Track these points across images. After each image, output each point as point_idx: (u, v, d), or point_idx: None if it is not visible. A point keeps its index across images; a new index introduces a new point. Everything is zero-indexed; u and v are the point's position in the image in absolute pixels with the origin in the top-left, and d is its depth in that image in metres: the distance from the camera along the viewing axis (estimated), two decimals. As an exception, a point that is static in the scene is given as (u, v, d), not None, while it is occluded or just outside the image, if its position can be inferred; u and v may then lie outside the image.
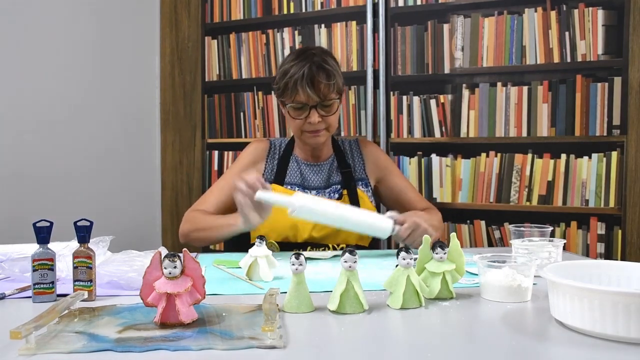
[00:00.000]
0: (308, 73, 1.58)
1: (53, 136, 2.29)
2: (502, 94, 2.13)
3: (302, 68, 1.59)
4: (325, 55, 1.65)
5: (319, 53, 1.64)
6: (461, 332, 0.94)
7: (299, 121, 1.64)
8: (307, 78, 1.58)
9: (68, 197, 2.31)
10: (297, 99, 1.61)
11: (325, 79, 1.60)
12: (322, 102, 1.62)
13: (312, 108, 1.61)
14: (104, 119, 2.48)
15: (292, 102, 1.62)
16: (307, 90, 1.58)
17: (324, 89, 1.60)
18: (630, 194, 1.96)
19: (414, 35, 2.24)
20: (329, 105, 1.63)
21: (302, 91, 1.59)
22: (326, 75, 1.60)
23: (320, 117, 1.62)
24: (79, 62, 2.39)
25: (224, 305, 1.03)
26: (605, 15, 1.98)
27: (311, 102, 1.61)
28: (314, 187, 1.73)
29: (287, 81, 1.61)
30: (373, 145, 1.87)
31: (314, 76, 1.59)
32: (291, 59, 1.64)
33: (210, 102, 2.63)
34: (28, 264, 1.09)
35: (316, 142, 1.69)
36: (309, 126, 1.64)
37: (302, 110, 1.63)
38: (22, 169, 2.19)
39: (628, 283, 1.00)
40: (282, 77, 1.63)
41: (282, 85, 1.63)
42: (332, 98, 1.63)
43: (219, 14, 2.60)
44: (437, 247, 1.09)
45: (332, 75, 1.61)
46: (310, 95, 1.59)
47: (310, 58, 1.61)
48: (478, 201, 2.17)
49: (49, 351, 0.80)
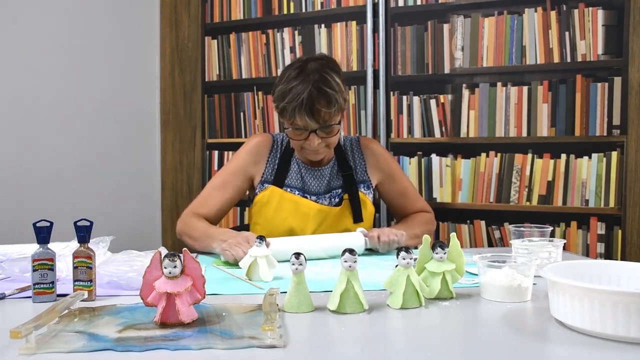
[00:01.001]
0: (307, 100, 1.49)
1: (53, 136, 2.29)
2: (502, 94, 2.13)
3: (300, 93, 1.50)
4: (326, 72, 1.55)
5: (319, 70, 1.54)
6: (461, 332, 0.94)
7: (298, 142, 1.60)
8: (306, 106, 1.50)
9: (68, 197, 2.31)
10: (295, 124, 1.55)
11: (325, 106, 1.52)
12: (322, 126, 1.56)
13: (312, 132, 1.56)
14: (104, 119, 2.48)
15: (291, 126, 1.57)
16: (305, 118, 1.51)
17: (324, 115, 1.53)
18: (630, 194, 1.96)
19: (414, 35, 2.24)
20: (329, 129, 1.57)
21: (300, 119, 1.52)
22: (326, 102, 1.52)
23: (320, 139, 1.57)
24: (79, 62, 2.39)
25: (224, 305, 1.03)
26: (605, 15, 1.98)
27: (310, 128, 1.55)
28: (314, 192, 1.69)
29: (285, 106, 1.53)
30: (374, 144, 1.81)
31: (314, 103, 1.50)
32: (288, 78, 1.55)
33: (210, 102, 2.63)
34: (28, 264, 1.09)
35: (315, 159, 1.65)
36: (309, 146, 1.59)
37: (300, 133, 1.57)
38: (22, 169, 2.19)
39: (628, 283, 1.00)
40: (280, 99, 1.55)
41: (280, 108, 1.56)
42: (333, 122, 1.57)
43: (219, 14, 2.60)
44: (437, 247, 1.10)
45: (332, 101, 1.52)
46: (309, 122, 1.52)
47: (309, 80, 1.51)
48: (478, 201, 2.17)
49: (49, 351, 0.80)
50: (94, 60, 2.44)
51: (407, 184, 1.81)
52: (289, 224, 1.65)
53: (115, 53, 2.53)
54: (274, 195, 1.66)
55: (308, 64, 1.57)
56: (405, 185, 1.79)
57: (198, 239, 1.58)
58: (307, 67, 1.56)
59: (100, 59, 2.47)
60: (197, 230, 1.60)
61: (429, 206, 1.82)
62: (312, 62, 1.58)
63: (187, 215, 1.66)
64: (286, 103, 1.52)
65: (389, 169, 1.77)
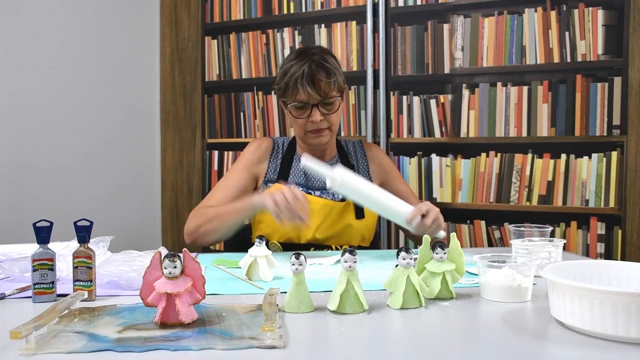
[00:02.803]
0: (308, 71, 1.58)
1: (53, 136, 2.29)
2: (502, 94, 2.13)
3: (301, 67, 1.59)
4: (325, 54, 1.66)
5: (318, 52, 1.65)
6: (461, 332, 0.94)
7: (302, 121, 1.64)
8: (307, 76, 1.58)
9: (68, 197, 2.32)
10: (298, 98, 1.61)
11: (325, 77, 1.60)
12: (324, 100, 1.62)
13: (314, 107, 1.61)
14: (104, 119, 2.49)
15: (294, 102, 1.63)
16: (307, 89, 1.58)
17: (325, 87, 1.61)
18: (630, 194, 1.96)
19: (414, 35, 2.24)
20: (331, 104, 1.64)
21: (303, 90, 1.59)
22: (326, 73, 1.60)
23: (322, 116, 1.63)
24: (79, 62, 2.39)
25: (224, 305, 1.03)
26: (605, 15, 1.98)
27: (312, 100, 1.61)
28: (318, 187, 1.71)
29: (287, 80, 1.61)
30: (377, 148, 1.90)
31: (314, 74, 1.59)
32: (291, 59, 1.64)
33: (210, 102, 2.63)
34: (28, 264, 1.09)
35: (319, 142, 1.68)
36: (312, 125, 1.64)
37: (303, 110, 1.63)
38: (23, 168, 2.20)
39: (628, 283, 1.00)
40: (283, 76, 1.63)
41: (282, 85, 1.63)
42: (334, 96, 1.64)
43: (219, 14, 2.60)
44: (437, 247, 1.10)
45: (332, 73, 1.61)
46: (311, 93, 1.59)
47: (309, 57, 1.61)
48: (478, 201, 2.17)
49: (49, 351, 0.80)
50: (94, 60, 2.44)
51: (408, 189, 1.83)
52: None
53: (115, 53, 2.53)
54: None
55: (308, 48, 1.68)
56: (406, 190, 1.80)
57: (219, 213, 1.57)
58: (306, 50, 1.67)
59: (100, 59, 2.47)
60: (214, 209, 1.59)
61: None
62: (311, 48, 1.68)
63: (195, 211, 1.65)
64: (288, 77, 1.60)
65: (390, 170, 1.82)
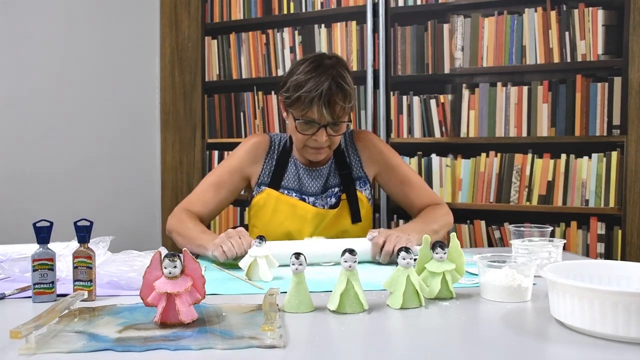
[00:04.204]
0: (327, 92, 1.48)
1: (53, 136, 2.29)
2: (502, 94, 2.13)
3: (319, 85, 1.48)
4: (342, 69, 1.56)
5: (335, 66, 1.54)
6: (461, 332, 0.94)
7: (304, 137, 1.57)
8: (324, 97, 1.48)
9: (68, 197, 2.31)
10: (308, 115, 1.52)
11: (342, 101, 1.51)
12: (333, 122, 1.54)
13: (322, 127, 1.54)
14: (104, 119, 2.48)
15: (302, 118, 1.54)
16: (322, 110, 1.49)
17: (339, 110, 1.52)
18: (630, 194, 1.96)
19: (414, 35, 2.24)
20: (339, 125, 1.56)
21: (317, 110, 1.50)
22: (344, 97, 1.52)
23: (328, 137, 1.55)
24: (79, 62, 2.39)
25: (224, 305, 1.03)
26: (605, 15, 1.98)
27: (323, 121, 1.52)
28: (311, 193, 1.67)
29: (302, 95, 1.50)
30: (367, 137, 1.75)
31: (332, 96, 1.50)
32: (306, 70, 1.53)
33: (210, 102, 2.63)
34: (28, 264, 1.09)
35: (316, 159, 1.63)
36: (314, 143, 1.57)
37: (310, 126, 1.55)
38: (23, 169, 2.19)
39: (628, 283, 1.00)
40: (296, 89, 1.52)
41: (294, 98, 1.52)
42: (344, 120, 1.57)
43: (219, 14, 2.60)
44: (437, 247, 1.10)
45: (348, 97, 1.53)
46: (324, 114, 1.50)
47: (328, 73, 1.51)
48: (478, 201, 2.17)
49: (49, 351, 0.80)
50: (94, 61, 2.44)
51: (410, 172, 1.74)
52: (286, 227, 1.64)
53: (115, 53, 2.53)
54: (271, 198, 1.65)
55: (323, 59, 1.57)
56: (406, 173, 1.72)
57: (187, 236, 1.53)
58: (323, 62, 1.55)
59: (101, 59, 2.47)
60: (187, 228, 1.55)
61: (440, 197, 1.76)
62: (327, 59, 1.57)
63: (180, 211, 1.62)
64: (304, 92, 1.49)
65: (384, 158, 1.72)
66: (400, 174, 1.71)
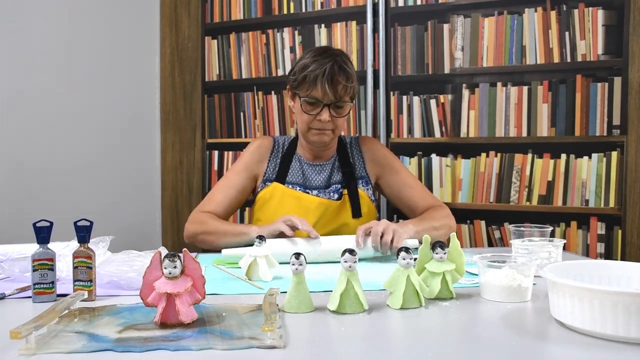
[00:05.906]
0: (330, 71, 1.59)
1: (53, 136, 2.29)
2: (502, 94, 2.13)
3: (324, 65, 1.60)
4: (346, 58, 1.67)
5: (340, 54, 1.66)
6: (461, 332, 0.94)
7: (308, 117, 1.65)
8: (327, 75, 1.59)
9: (68, 197, 2.31)
10: (312, 94, 1.62)
11: (344, 80, 1.61)
12: (336, 103, 1.63)
13: (325, 106, 1.62)
14: (104, 119, 2.48)
15: (307, 96, 1.63)
16: (325, 87, 1.59)
17: (341, 89, 1.62)
18: (630, 194, 1.96)
19: (414, 35, 2.24)
20: (342, 107, 1.65)
21: (321, 87, 1.60)
22: (346, 77, 1.62)
23: (331, 117, 1.63)
24: (79, 62, 2.39)
25: (224, 305, 1.03)
26: (605, 15, 1.98)
27: (326, 99, 1.61)
28: (315, 187, 1.73)
29: (307, 74, 1.61)
30: (372, 142, 1.86)
31: (335, 75, 1.60)
32: (312, 55, 1.64)
33: (210, 102, 2.63)
34: (28, 264, 1.09)
35: (321, 141, 1.69)
36: (318, 123, 1.64)
37: (314, 106, 1.63)
38: (23, 168, 2.19)
39: (628, 283, 1.00)
40: (302, 69, 1.63)
41: (300, 78, 1.63)
42: (346, 100, 1.65)
43: (219, 14, 2.60)
44: (437, 247, 1.10)
45: (350, 78, 1.63)
46: (327, 92, 1.60)
47: (332, 57, 1.62)
48: (478, 201, 2.17)
49: (49, 351, 0.80)
50: (94, 61, 2.44)
51: (411, 177, 1.80)
52: None
53: (115, 53, 2.53)
54: (277, 192, 1.71)
55: (329, 49, 1.69)
56: (408, 177, 1.79)
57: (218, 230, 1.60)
58: (329, 50, 1.68)
59: (101, 59, 2.47)
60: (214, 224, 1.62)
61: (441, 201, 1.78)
62: (332, 49, 1.69)
63: (197, 216, 1.67)
64: (309, 71, 1.61)
65: (387, 161, 1.80)
66: (402, 177, 1.78)
